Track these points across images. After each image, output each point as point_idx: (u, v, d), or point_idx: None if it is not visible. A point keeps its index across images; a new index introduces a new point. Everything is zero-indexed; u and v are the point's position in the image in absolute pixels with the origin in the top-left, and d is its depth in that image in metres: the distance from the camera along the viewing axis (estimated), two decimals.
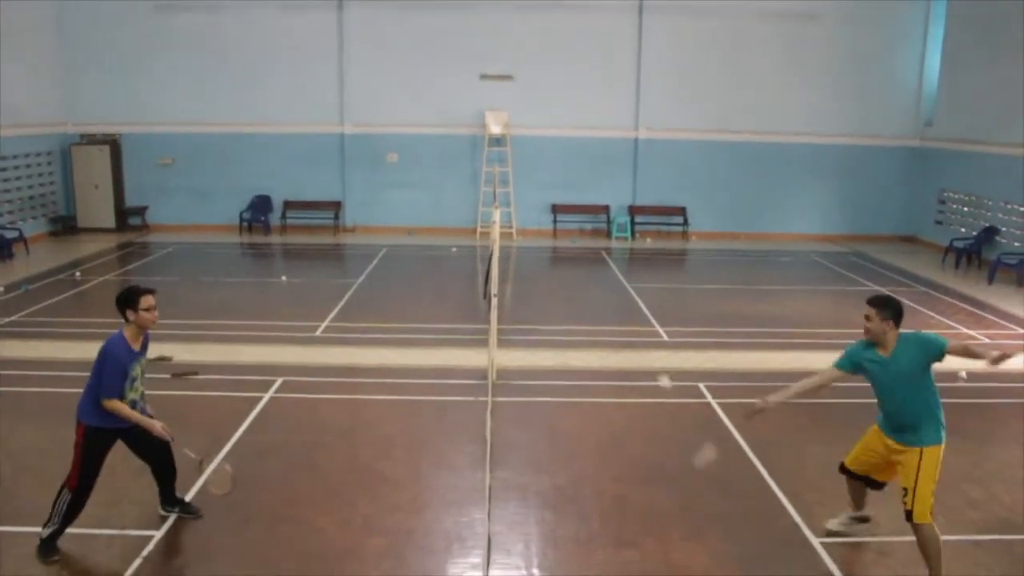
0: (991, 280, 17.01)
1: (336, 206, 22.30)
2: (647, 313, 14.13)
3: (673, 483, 7.67)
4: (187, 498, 7.05)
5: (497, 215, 12.37)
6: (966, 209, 20.07)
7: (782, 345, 12.33)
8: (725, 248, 21.07)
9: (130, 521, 6.78)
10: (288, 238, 21.59)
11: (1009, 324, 13.79)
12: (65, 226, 21.24)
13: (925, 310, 14.54)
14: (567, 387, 10.36)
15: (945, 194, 20.96)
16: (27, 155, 19.99)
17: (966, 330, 13.29)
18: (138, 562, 6.20)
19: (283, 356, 11.36)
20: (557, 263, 19.97)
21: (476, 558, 6.33)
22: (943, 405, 6.02)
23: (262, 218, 22.01)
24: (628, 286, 16.31)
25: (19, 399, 9.57)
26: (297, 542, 6.53)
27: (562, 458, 8.20)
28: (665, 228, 22.57)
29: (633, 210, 22.37)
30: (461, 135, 22.07)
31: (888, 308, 5.99)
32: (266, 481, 7.58)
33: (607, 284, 16.77)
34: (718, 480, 7.72)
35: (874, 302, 6.06)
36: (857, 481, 6.54)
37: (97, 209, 21.57)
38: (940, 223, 21.02)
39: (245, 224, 22.00)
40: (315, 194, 22.31)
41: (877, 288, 16.22)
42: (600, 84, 21.92)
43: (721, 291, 16.06)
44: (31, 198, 20.21)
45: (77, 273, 16.47)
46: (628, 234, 22.12)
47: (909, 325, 6.01)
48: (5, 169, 19.16)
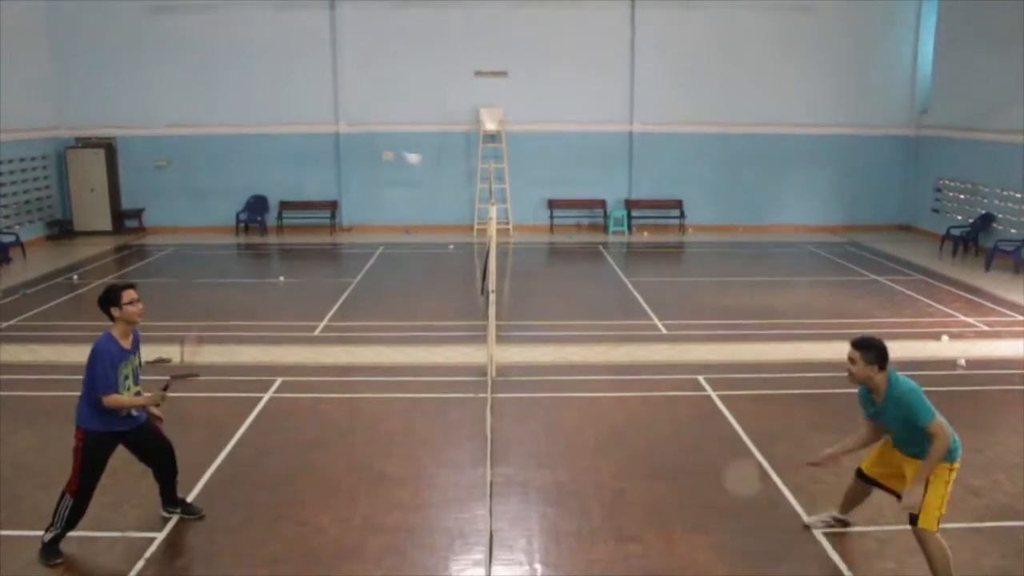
0: (988, 267, 17.02)
1: (332, 205, 22.28)
2: (645, 307, 14.12)
3: (674, 476, 7.67)
4: (189, 498, 7.04)
5: (493, 211, 12.38)
6: (962, 197, 20.08)
7: (781, 336, 12.33)
8: (722, 240, 21.06)
9: (132, 523, 6.78)
10: (285, 238, 21.57)
11: (1007, 311, 13.80)
12: (62, 230, 21.21)
13: (923, 298, 14.54)
14: (566, 382, 10.36)
15: (941, 182, 20.97)
16: (22, 159, 19.96)
17: (964, 317, 13.29)
18: (140, 564, 6.19)
19: (282, 356, 11.36)
20: (554, 258, 19.97)
21: (478, 555, 6.33)
22: (940, 394, 6.00)
23: (258, 219, 21.99)
24: (626, 280, 16.30)
25: (18, 403, 9.56)
26: (299, 541, 6.52)
27: (563, 453, 8.20)
28: (662, 221, 22.56)
29: (629, 204, 22.36)
30: (456, 132, 22.05)
31: (871, 351, 5.75)
32: (267, 480, 7.58)
33: (605, 279, 16.77)
34: (719, 473, 7.72)
35: (856, 344, 5.81)
36: (870, 486, 6.39)
37: (93, 212, 21.54)
38: (936, 211, 21.03)
39: (242, 225, 21.98)
40: (311, 194, 22.28)
41: (875, 278, 16.24)
42: (594, 78, 21.90)
43: (719, 283, 16.06)
44: (27, 202, 20.19)
45: (74, 276, 16.45)
46: (625, 228, 22.11)
47: (908, 314, 5.98)
48: (1, 174, 19.14)
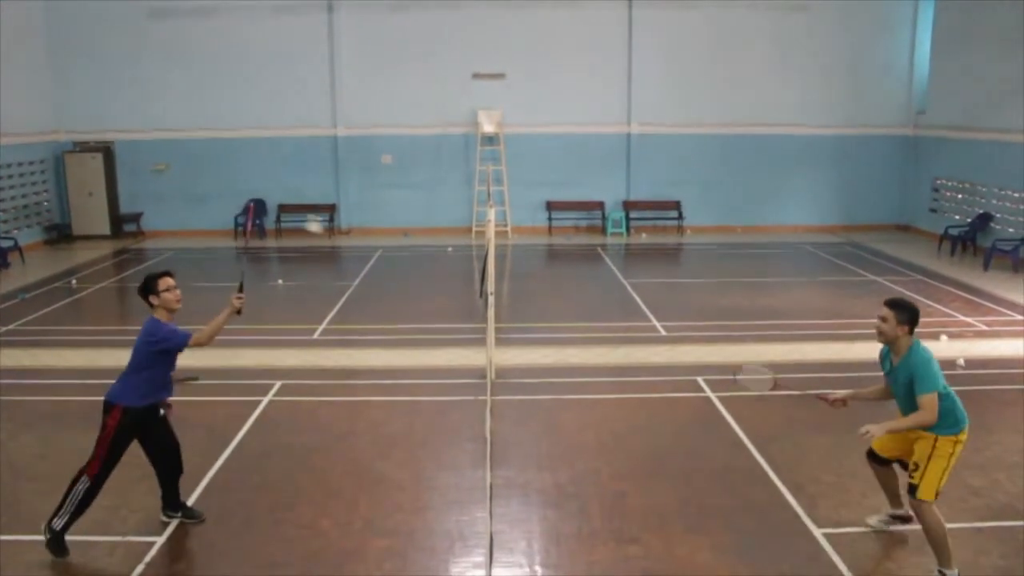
0: (987, 267, 17.03)
1: (331, 209, 22.28)
2: (644, 308, 14.13)
3: (674, 478, 7.67)
4: (189, 502, 7.03)
5: (492, 214, 12.37)
6: (960, 196, 20.09)
7: (780, 337, 12.34)
8: (721, 241, 21.07)
9: (132, 527, 6.77)
10: (283, 241, 21.57)
11: (1005, 310, 13.81)
12: (60, 234, 21.20)
13: (922, 298, 14.55)
14: (566, 384, 10.36)
15: (939, 182, 20.98)
16: (20, 164, 19.96)
17: (963, 317, 13.31)
18: (141, 568, 6.19)
19: (281, 359, 11.35)
20: (553, 260, 19.97)
21: (479, 557, 6.33)
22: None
23: (257, 222, 21.99)
24: (624, 282, 16.31)
25: (18, 407, 9.55)
26: (299, 544, 6.52)
27: (562, 455, 8.20)
28: (660, 223, 22.57)
29: (628, 205, 22.37)
30: (454, 135, 22.06)
31: (904, 312, 5.89)
32: (267, 484, 7.57)
33: (603, 280, 16.77)
34: (719, 474, 7.73)
35: (891, 304, 5.96)
36: (886, 467, 6.46)
37: (92, 216, 21.53)
38: (934, 211, 21.04)
39: (240, 228, 21.97)
40: (310, 197, 22.27)
41: (873, 278, 16.26)
42: (592, 80, 21.92)
43: (718, 284, 16.06)
44: (25, 207, 20.19)
45: (73, 281, 16.45)
46: (623, 230, 22.12)
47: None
48: None
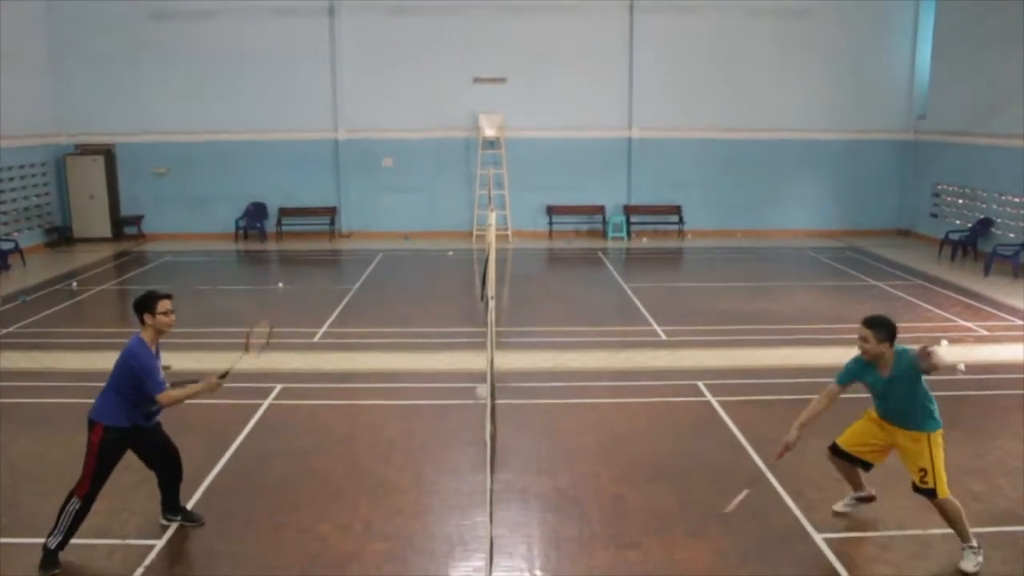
0: (987, 272, 17.02)
1: (331, 212, 22.29)
2: (645, 312, 14.13)
3: (674, 482, 7.67)
4: (189, 505, 7.03)
5: (493, 218, 12.37)
6: (960, 201, 20.10)
7: (780, 342, 12.34)
8: (721, 246, 21.08)
9: (132, 530, 6.77)
10: (284, 245, 21.58)
11: (1006, 315, 13.80)
12: (61, 237, 21.22)
13: (922, 303, 14.55)
14: (566, 388, 10.36)
15: (939, 187, 20.99)
16: (21, 166, 19.98)
17: (963, 322, 13.30)
18: (140, 571, 6.19)
19: (281, 363, 11.34)
20: (554, 264, 19.98)
21: (478, 561, 6.33)
22: (940, 398, 6.07)
23: (258, 225, 22.00)
24: (625, 286, 16.31)
25: (18, 410, 9.55)
26: (299, 548, 6.52)
27: (563, 459, 8.19)
28: (661, 227, 22.58)
29: (628, 210, 22.38)
30: (455, 138, 22.08)
31: (882, 329, 6.16)
32: (267, 487, 7.57)
33: (604, 284, 16.77)
34: (719, 478, 7.72)
35: (868, 323, 6.22)
36: (846, 462, 6.71)
37: (93, 219, 21.55)
38: (935, 216, 21.04)
39: (241, 232, 21.99)
40: (310, 200, 22.28)
41: (874, 283, 16.25)
42: (593, 84, 21.94)
43: (718, 289, 16.06)
44: (26, 209, 20.20)
45: (74, 283, 16.45)
46: (624, 234, 22.12)
47: (907, 319, 6.02)
48: (0, 181, 19.15)
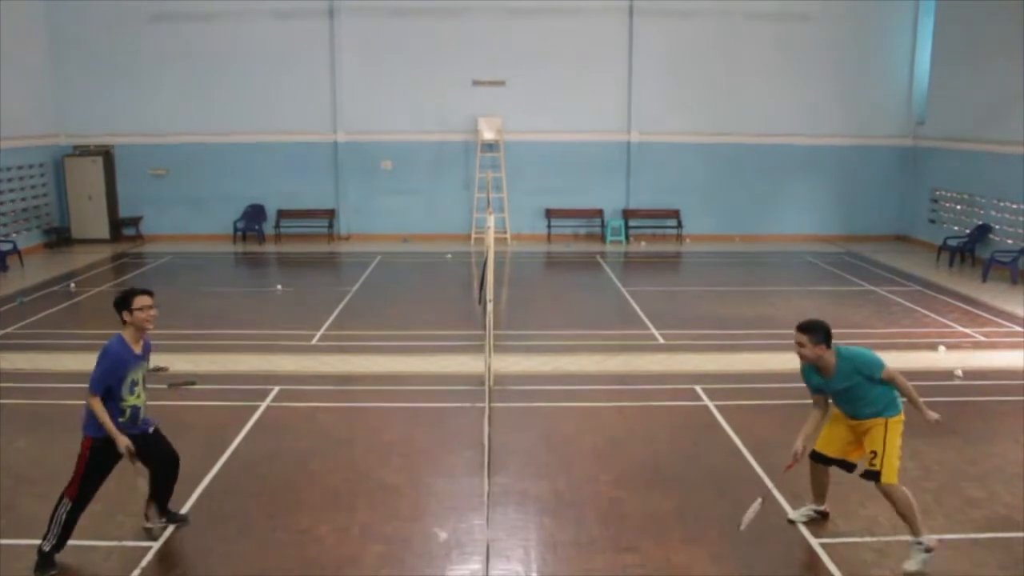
0: (985, 278, 17.04)
1: (330, 214, 22.29)
2: (643, 316, 14.13)
3: (672, 486, 7.67)
4: (184, 508, 7.03)
5: (491, 221, 12.38)
6: (959, 207, 20.13)
7: (778, 346, 12.29)
8: (720, 250, 21.09)
9: (128, 533, 6.76)
10: (282, 247, 21.58)
11: (1004, 322, 13.81)
12: (59, 238, 21.20)
13: (920, 309, 14.56)
14: (564, 392, 10.36)
15: (938, 193, 21.02)
16: (20, 167, 19.97)
17: (961, 328, 13.32)
18: (136, 573, 6.18)
19: (279, 365, 11.34)
20: (552, 268, 19.98)
21: (476, 564, 6.33)
22: (938, 404, 6.07)
23: (256, 227, 22.00)
24: (623, 290, 16.32)
25: (15, 411, 9.54)
26: (296, 551, 6.51)
27: (560, 463, 8.19)
28: (659, 231, 22.60)
29: (627, 214, 22.39)
30: (454, 141, 22.09)
31: (817, 332, 6.20)
32: (264, 490, 7.56)
33: (602, 288, 16.78)
34: (717, 482, 7.72)
35: (802, 328, 6.26)
36: (827, 466, 6.74)
37: (91, 220, 21.54)
38: (933, 222, 21.08)
39: (239, 233, 21.99)
40: (309, 202, 22.29)
41: (872, 288, 16.27)
42: (592, 88, 21.96)
43: (716, 293, 16.07)
44: (25, 210, 20.19)
45: (72, 285, 16.43)
46: (622, 238, 22.14)
47: (905, 324, 6.02)
48: None
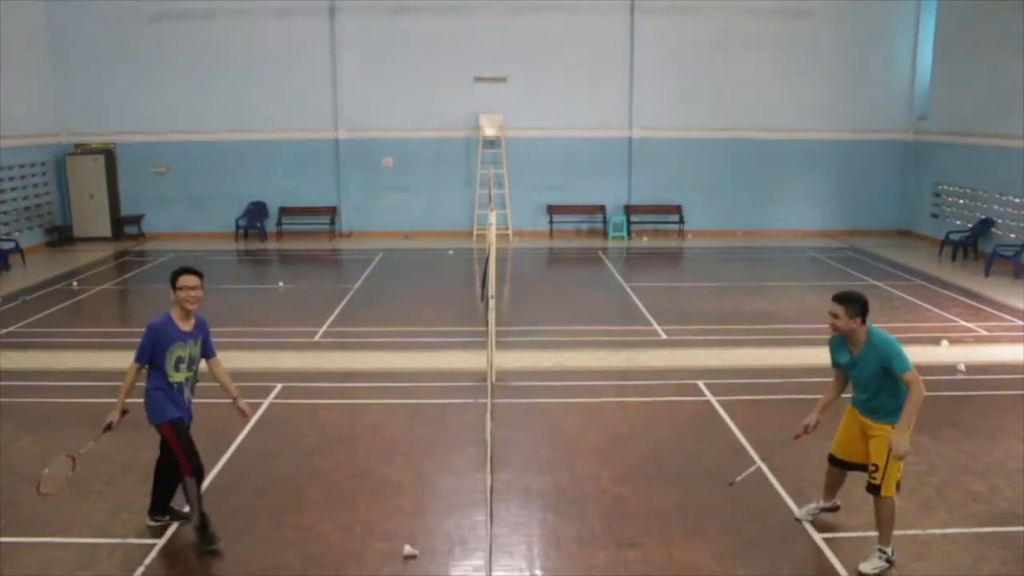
0: (988, 272, 17.02)
1: (332, 211, 22.29)
2: (645, 312, 14.13)
3: (674, 482, 7.67)
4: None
5: (493, 217, 12.37)
6: (961, 202, 20.10)
7: (780, 341, 12.34)
8: (722, 246, 21.08)
9: (132, 530, 6.77)
10: (284, 244, 21.58)
11: (1006, 316, 13.80)
12: (61, 236, 21.21)
13: (923, 303, 14.55)
14: (566, 388, 10.37)
15: (940, 187, 20.99)
16: (22, 166, 19.98)
17: (964, 322, 13.30)
18: (140, 570, 6.19)
19: (282, 362, 11.36)
20: (554, 264, 19.98)
21: (479, 560, 6.33)
22: (940, 399, 6.02)
23: (258, 224, 22.01)
24: (625, 285, 16.31)
25: (18, 410, 9.55)
26: (299, 547, 6.52)
27: (563, 459, 8.20)
28: (661, 227, 22.59)
29: (629, 209, 22.38)
30: (456, 138, 22.08)
31: (854, 304, 6.03)
32: (267, 487, 7.57)
33: (604, 284, 16.77)
34: (719, 478, 7.72)
35: (840, 299, 6.10)
36: (844, 470, 6.61)
37: (93, 219, 21.55)
38: (936, 216, 21.05)
39: (241, 231, 21.99)
40: (311, 200, 22.29)
41: (875, 283, 16.25)
42: (593, 84, 21.93)
43: (719, 289, 16.06)
44: (26, 209, 20.20)
45: (74, 283, 16.45)
46: (624, 233, 22.13)
47: (908, 319, 6.01)
48: (0, 180, 19.15)
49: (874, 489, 6.06)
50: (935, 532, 6.51)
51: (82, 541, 6.45)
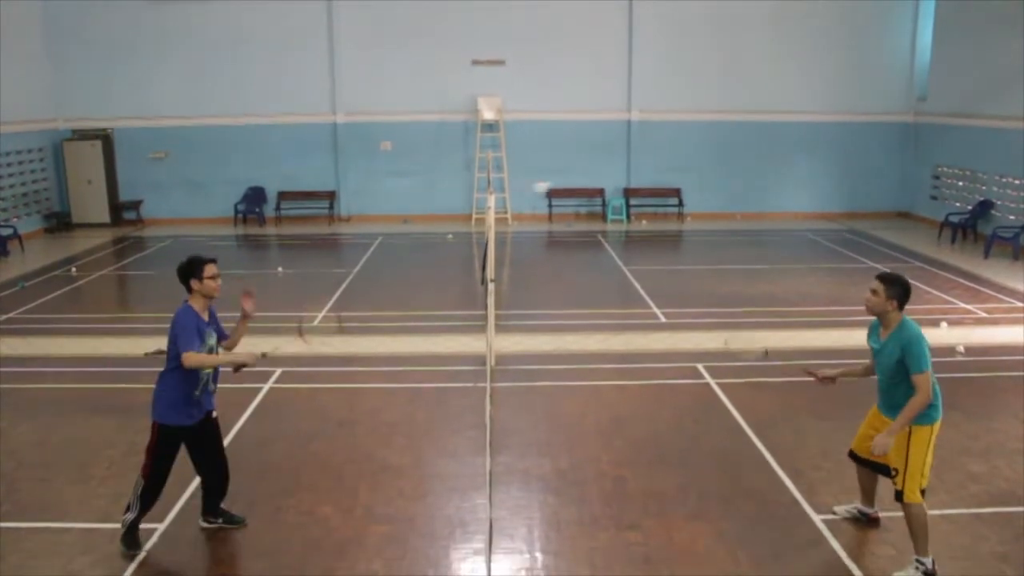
0: (987, 254, 17.02)
1: (331, 196, 22.25)
2: (644, 295, 14.13)
3: (674, 464, 7.69)
4: (187, 490, 7.02)
5: (492, 201, 12.35)
6: (961, 183, 20.06)
7: (780, 324, 12.34)
8: (721, 228, 21.05)
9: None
10: (283, 229, 21.55)
11: (1006, 297, 13.81)
12: (60, 222, 21.17)
13: (922, 285, 14.54)
14: (566, 371, 10.37)
15: (939, 169, 20.95)
16: (19, 152, 19.91)
17: (963, 304, 13.31)
18: (142, 555, 6.21)
19: (281, 346, 11.33)
20: (553, 247, 19.95)
21: (479, 543, 6.35)
22: (940, 380, 5.99)
23: (256, 209, 21.96)
24: (625, 269, 16.30)
25: (17, 396, 9.56)
26: (299, 531, 6.54)
27: (563, 442, 8.21)
28: (661, 210, 22.55)
29: (628, 193, 22.34)
30: (454, 121, 22.01)
31: (895, 287, 5.85)
32: (267, 471, 7.59)
33: (604, 267, 16.76)
34: (719, 460, 7.74)
35: (883, 278, 5.93)
36: (865, 468, 6.41)
37: (91, 204, 21.51)
38: (935, 198, 21.01)
39: (240, 216, 21.96)
40: (309, 184, 22.24)
41: (874, 265, 16.23)
42: (592, 67, 21.85)
43: (718, 271, 16.06)
44: (24, 195, 20.15)
45: (73, 269, 16.43)
46: (624, 217, 22.09)
47: (908, 301, 5.97)
48: None
49: (897, 495, 5.88)
50: (935, 513, 6.52)
51: (83, 526, 6.46)
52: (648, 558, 6.15)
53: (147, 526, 6.56)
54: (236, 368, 6.40)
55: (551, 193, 22.28)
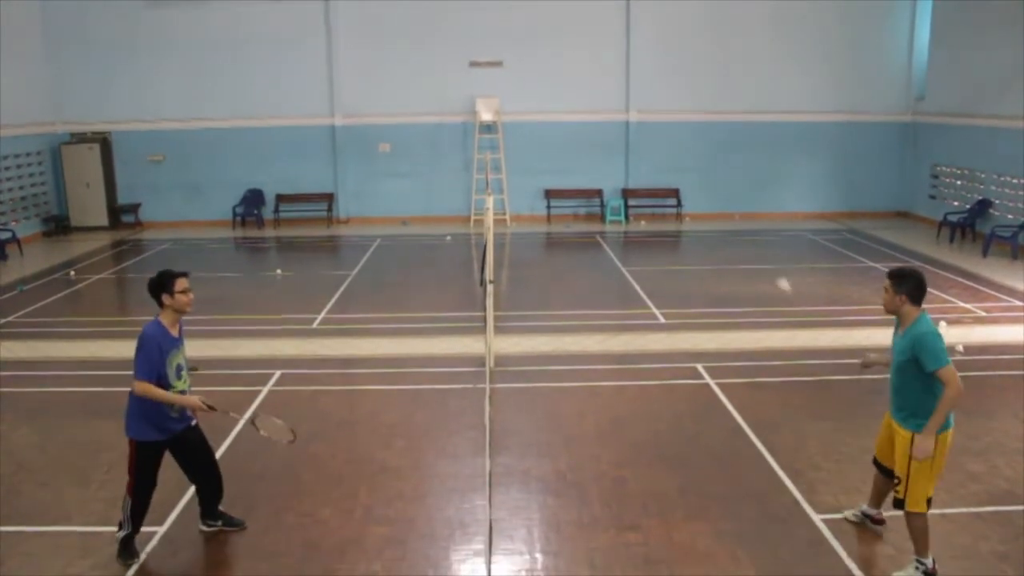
0: (985, 253, 17.02)
1: (329, 198, 22.25)
2: (643, 296, 14.12)
3: (673, 464, 7.68)
4: (186, 494, 7.01)
5: (490, 202, 12.35)
6: (959, 183, 20.06)
7: (779, 324, 12.33)
8: (719, 229, 21.04)
9: None
10: (281, 231, 21.54)
11: (1004, 296, 13.81)
12: (58, 226, 21.16)
13: None
14: (565, 372, 10.37)
15: (938, 168, 20.95)
16: (17, 155, 19.90)
17: (962, 303, 13.31)
18: (143, 557, 6.21)
19: (281, 349, 11.35)
20: (552, 248, 19.95)
21: (479, 544, 6.35)
22: None
23: (255, 212, 21.96)
24: (623, 269, 16.30)
25: (17, 399, 9.55)
26: (299, 533, 6.53)
27: (562, 443, 8.20)
28: (659, 210, 22.55)
29: (626, 193, 22.34)
30: (453, 123, 22.01)
31: (902, 283, 5.73)
32: (267, 473, 7.58)
33: (602, 268, 16.76)
34: (719, 460, 7.74)
35: (891, 274, 5.82)
36: (883, 475, 6.27)
37: (89, 208, 21.49)
38: (933, 197, 21.02)
39: (238, 219, 21.95)
40: (308, 186, 22.23)
41: (873, 265, 16.25)
42: (590, 68, 21.85)
43: (717, 272, 16.05)
44: (23, 198, 20.13)
45: (71, 272, 16.42)
46: (622, 217, 22.09)
47: None
48: None
49: (898, 504, 5.78)
50: (934, 512, 6.51)
51: (82, 529, 6.46)
52: (648, 558, 6.15)
53: (147, 529, 6.55)
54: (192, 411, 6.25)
55: (550, 194, 22.27)
